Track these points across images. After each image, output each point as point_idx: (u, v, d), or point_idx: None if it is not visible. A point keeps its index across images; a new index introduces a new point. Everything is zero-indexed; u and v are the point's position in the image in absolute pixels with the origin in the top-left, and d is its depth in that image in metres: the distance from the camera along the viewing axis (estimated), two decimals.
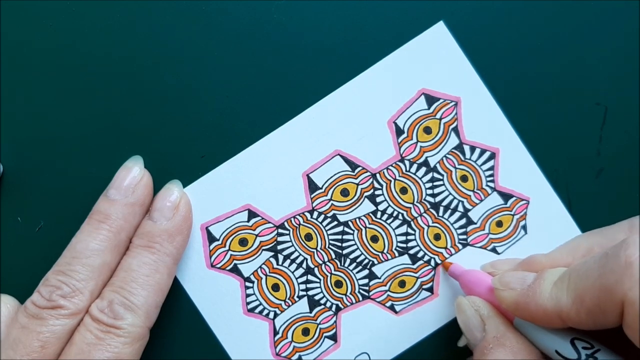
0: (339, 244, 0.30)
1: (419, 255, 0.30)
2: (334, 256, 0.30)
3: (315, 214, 0.30)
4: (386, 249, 0.30)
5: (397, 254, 0.30)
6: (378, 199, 0.30)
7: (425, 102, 0.30)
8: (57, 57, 0.29)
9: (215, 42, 0.29)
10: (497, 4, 0.29)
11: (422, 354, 0.30)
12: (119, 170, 0.28)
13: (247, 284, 0.30)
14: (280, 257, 0.30)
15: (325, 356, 0.30)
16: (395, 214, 0.30)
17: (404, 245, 0.30)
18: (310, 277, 0.30)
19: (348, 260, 0.30)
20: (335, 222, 0.30)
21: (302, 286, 0.30)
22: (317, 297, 0.30)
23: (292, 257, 0.30)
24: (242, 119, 0.29)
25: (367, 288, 0.30)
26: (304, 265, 0.30)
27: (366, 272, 0.30)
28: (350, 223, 0.30)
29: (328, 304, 0.30)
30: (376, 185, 0.30)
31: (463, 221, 0.30)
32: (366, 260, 0.30)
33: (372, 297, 0.30)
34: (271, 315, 0.30)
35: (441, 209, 0.30)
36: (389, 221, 0.30)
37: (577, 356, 0.23)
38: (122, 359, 0.25)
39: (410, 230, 0.30)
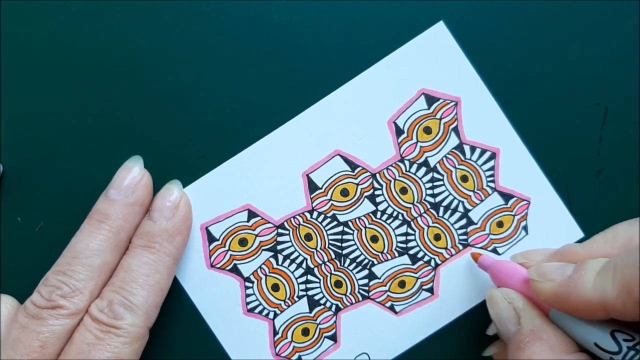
0: (339, 244, 0.30)
1: (419, 255, 0.30)
2: (333, 256, 0.30)
3: (315, 214, 0.30)
4: (386, 249, 0.30)
5: (397, 254, 0.30)
6: (378, 199, 0.30)
7: (425, 102, 0.30)
8: (57, 57, 0.29)
9: (215, 42, 0.29)
10: (497, 4, 0.29)
11: (422, 354, 0.30)
12: (119, 170, 0.28)
13: (247, 284, 0.30)
14: (280, 257, 0.30)
15: (325, 356, 0.30)
16: (395, 214, 0.30)
17: (404, 245, 0.30)
18: (310, 277, 0.30)
19: (348, 261, 0.30)
20: (335, 222, 0.30)
21: (302, 286, 0.30)
22: (317, 297, 0.30)
23: (292, 257, 0.30)
24: (242, 119, 0.29)
25: (367, 288, 0.30)
26: (304, 265, 0.30)
27: (366, 272, 0.30)
28: (350, 223, 0.30)
29: (328, 304, 0.30)
30: (376, 185, 0.30)
31: (463, 221, 0.30)
32: (366, 261, 0.30)
33: (372, 298, 0.30)
34: (271, 315, 0.30)
35: (441, 209, 0.30)
36: (388, 221, 0.30)
37: (617, 349, 0.22)
38: (121, 358, 0.25)
39: (410, 231, 0.30)
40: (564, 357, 0.23)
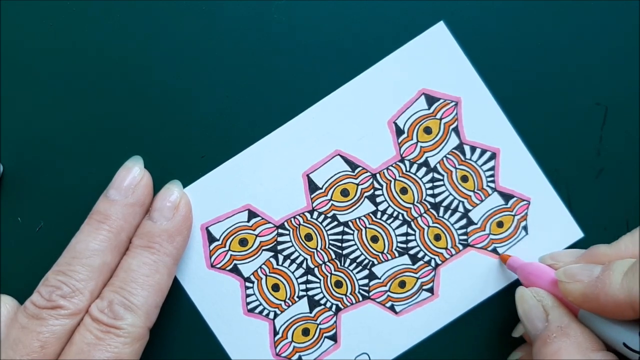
0: (339, 244, 0.30)
1: (419, 255, 0.30)
2: (334, 256, 0.30)
3: (315, 214, 0.30)
4: (386, 249, 0.30)
5: (397, 254, 0.30)
6: (378, 199, 0.30)
7: (426, 102, 0.30)
8: (57, 57, 0.29)
9: (215, 42, 0.29)
10: (497, 4, 0.29)
11: (422, 354, 0.30)
12: (119, 171, 0.28)
13: (247, 284, 0.30)
14: (280, 257, 0.30)
15: (325, 356, 0.30)
16: (395, 214, 0.30)
17: (404, 245, 0.30)
18: (310, 277, 0.30)
19: (348, 261, 0.30)
20: (335, 222, 0.30)
21: (302, 286, 0.30)
22: (317, 297, 0.30)
23: (292, 257, 0.30)
24: (242, 119, 0.29)
25: (367, 288, 0.30)
26: (304, 265, 0.30)
27: (366, 272, 0.30)
28: (350, 223, 0.30)
29: (328, 304, 0.30)
30: (376, 185, 0.30)
31: (463, 222, 0.30)
32: (366, 261, 0.30)
33: (372, 298, 0.30)
34: (271, 315, 0.30)
35: (441, 209, 0.30)
36: (389, 221, 0.30)
37: None
38: (122, 359, 0.25)
39: (410, 231, 0.30)
40: (589, 353, 0.24)
